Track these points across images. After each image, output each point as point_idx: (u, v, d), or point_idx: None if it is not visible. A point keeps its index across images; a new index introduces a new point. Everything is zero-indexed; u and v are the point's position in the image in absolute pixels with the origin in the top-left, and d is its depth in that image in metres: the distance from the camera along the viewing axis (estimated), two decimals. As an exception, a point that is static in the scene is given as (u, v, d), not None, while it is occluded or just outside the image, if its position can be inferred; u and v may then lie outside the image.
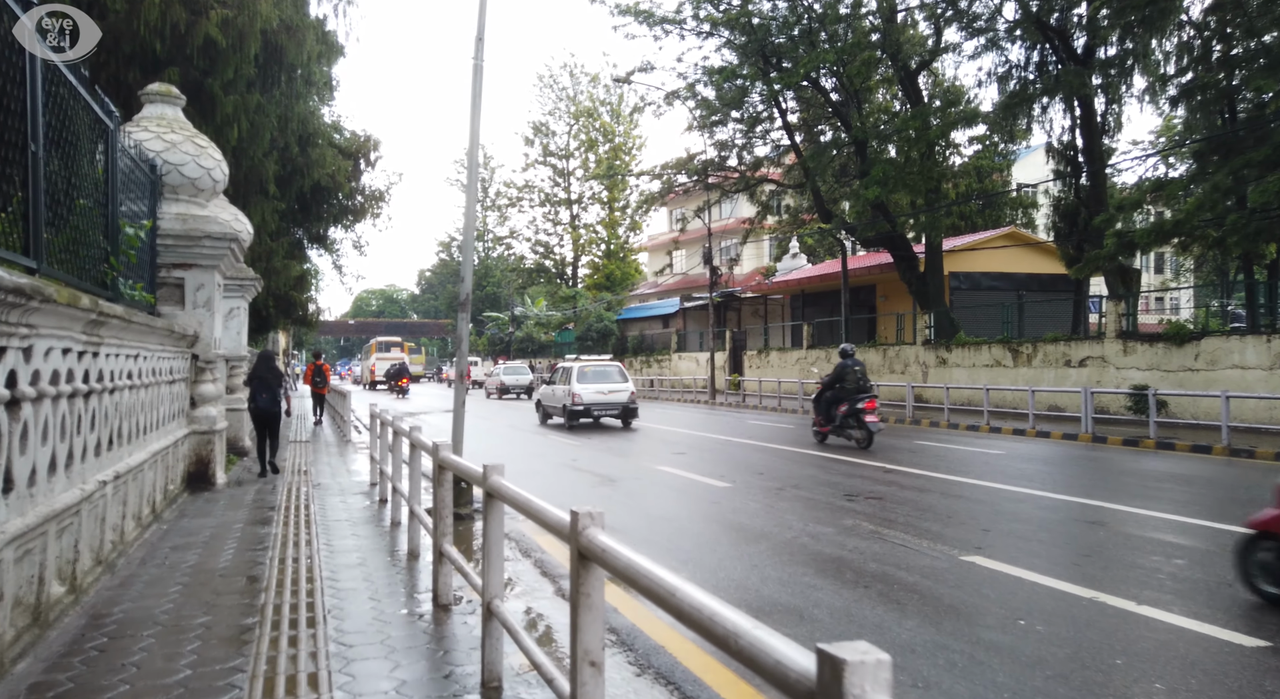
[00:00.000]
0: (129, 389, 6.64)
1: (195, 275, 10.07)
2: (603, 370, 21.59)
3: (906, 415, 22.45)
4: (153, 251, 9.38)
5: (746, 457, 14.04)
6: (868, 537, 7.57)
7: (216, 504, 9.09)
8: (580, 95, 62.98)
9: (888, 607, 5.51)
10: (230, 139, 14.54)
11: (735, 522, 8.39)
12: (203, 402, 10.29)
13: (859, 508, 9.05)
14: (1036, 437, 17.81)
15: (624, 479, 11.74)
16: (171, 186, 10.02)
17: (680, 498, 10.01)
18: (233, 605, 5.18)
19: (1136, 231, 18.33)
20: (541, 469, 13.02)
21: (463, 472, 4.74)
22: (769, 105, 29.77)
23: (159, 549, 6.80)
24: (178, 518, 8.19)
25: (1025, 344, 22.85)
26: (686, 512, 9.04)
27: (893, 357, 27.94)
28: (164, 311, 9.81)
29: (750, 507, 9.20)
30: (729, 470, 12.24)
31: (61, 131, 5.47)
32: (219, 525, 7.85)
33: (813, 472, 11.98)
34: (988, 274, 31.89)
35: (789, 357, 33.81)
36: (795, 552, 7.06)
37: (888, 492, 10.18)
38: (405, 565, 6.39)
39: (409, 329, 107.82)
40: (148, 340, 7.35)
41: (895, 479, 11.22)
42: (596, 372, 21.31)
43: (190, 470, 9.99)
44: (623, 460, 14.05)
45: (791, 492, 10.20)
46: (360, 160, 23.35)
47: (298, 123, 17.55)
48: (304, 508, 8.85)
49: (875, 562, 6.66)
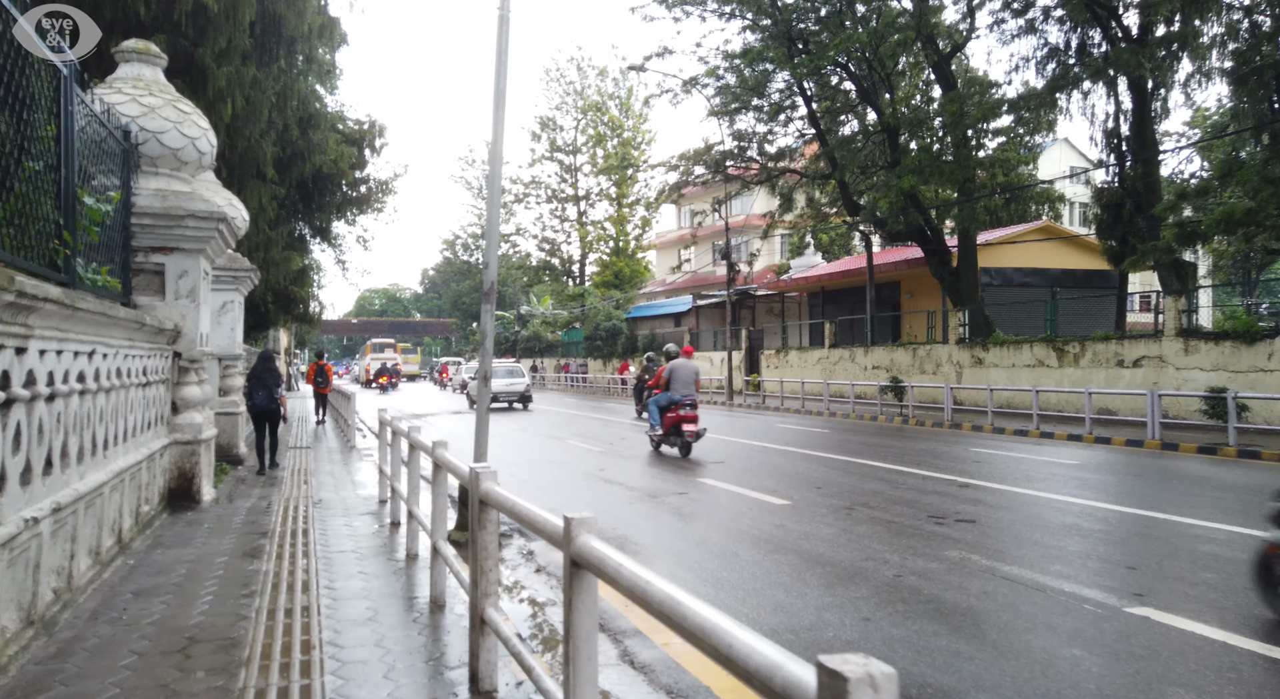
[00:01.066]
0: (79, 395, 5.30)
1: (177, 261, 8.72)
2: (509, 368, 30.42)
3: (945, 418, 21.06)
4: (125, 232, 8.05)
5: (793, 466, 12.68)
6: (986, 576, 6.21)
7: (200, 528, 7.75)
8: (588, 89, 61.61)
9: (1080, 696, 4.15)
10: (223, 116, 13.21)
11: (815, 553, 7.03)
12: (186, 407, 8.95)
13: (955, 534, 7.69)
14: (1095, 443, 16.44)
15: (665, 494, 10.38)
16: (150, 158, 8.68)
17: (737, 519, 8.65)
18: (201, 692, 3.83)
19: (1205, 220, 16.90)
20: (565, 480, 11.66)
21: (530, 519, 3.42)
22: (790, 94, 28.41)
23: (119, 595, 5.45)
24: (150, 548, 6.85)
25: (1072, 343, 21.46)
26: (752, 538, 7.68)
27: (923, 356, 26.55)
28: (140, 302, 8.47)
29: (824, 532, 7.84)
30: (780, 484, 10.87)
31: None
32: (199, 558, 6.50)
33: (876, 486, 10.61)
34: (1020, 270, 30.50)
35: (809, 356, 32.43)
36: (907, 598, 5.70)
37: (976, 512, 8.82)
38: (428, 621, 5.04)
39: (412, 328, 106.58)
40: (108, 334, 6.00)
41: (976, 495, 9.85)
42: (505, 370, 29.53)
43: (171, 486, 8.65)
44: (656, 470, 12.69)
45: (864, 512, 8.83)
46: (365, 148, 22.03)
47: (298, 102, 16.21)
48: (302, 533, 7.51)
49: (1019, 616, 5.29)
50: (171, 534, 7.43)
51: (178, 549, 6.83)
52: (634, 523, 8.56)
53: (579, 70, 62.16)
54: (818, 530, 7.90)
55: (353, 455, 14.51)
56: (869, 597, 5.73)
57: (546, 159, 63.02)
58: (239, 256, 13.42)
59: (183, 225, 8.52)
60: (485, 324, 8.17)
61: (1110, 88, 23.81)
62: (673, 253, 61.62)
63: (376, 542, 7.27)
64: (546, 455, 15.07)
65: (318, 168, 18.59)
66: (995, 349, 23.81)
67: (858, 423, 22.12)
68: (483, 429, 8.14)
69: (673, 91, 29.39)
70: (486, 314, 8.18)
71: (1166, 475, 11.83)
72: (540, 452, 15.67)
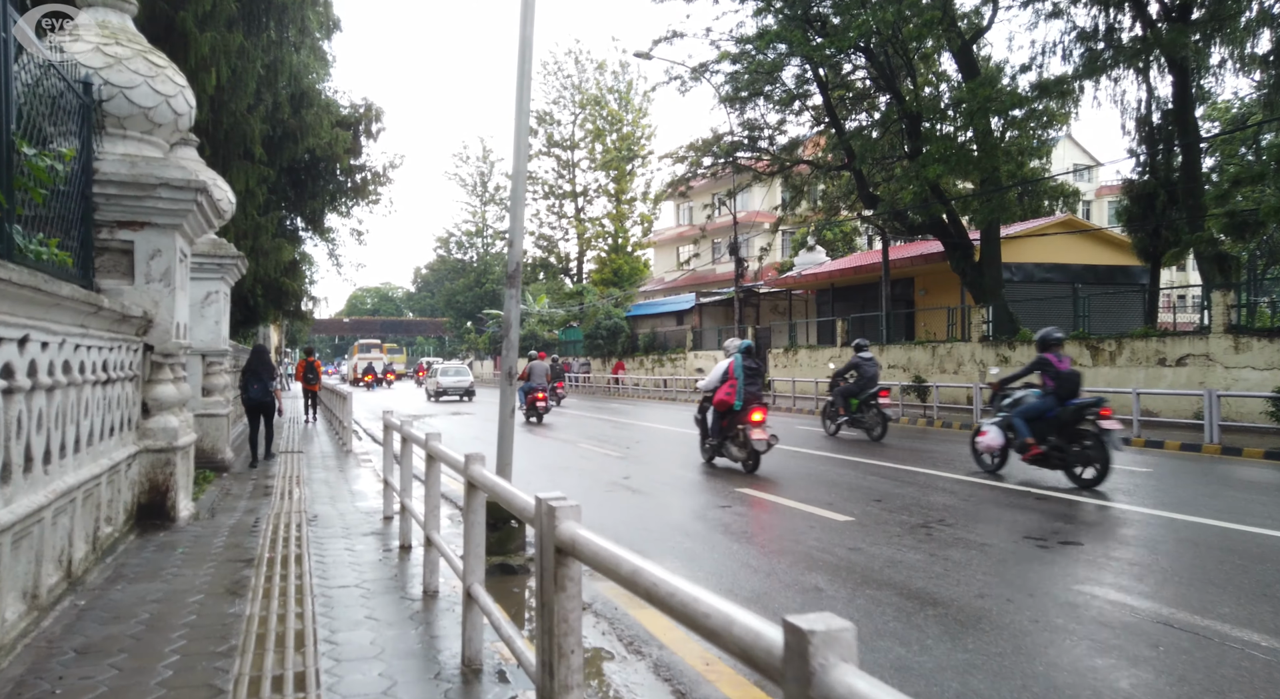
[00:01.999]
0: (1, 395, 4.07)
1: (149, 238, 7.47)
2: (456, 368, 37.64)
3: (974, 420, 19.89)
4: (86, 203, 6.80)
5: (836, 474, 11.49)
6: (1150, 622, 5.02)
7: (173, 553, 6.51)
8: (586, 83, 60.35)
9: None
10: (207, 86, 11.97)
11: (913, 587, 5.83)
12: (160, 408, 7.70)
13: (1068, 561, 6.51)
14: (1147, 447, 15.32)
15: (707, 509, 9.17)
16: (117, 118, 7.43)
17: (800, 541, 7.45)
18: None
19: (1264, 208, 15.78)
20: (589, 491, 10.45)
21: (613, 563, 2.23)
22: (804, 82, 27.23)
23: (57, 653, 4.22)
24: (109, 582, 5.61)
25: (1107, 340, 20.34)
26: (827, 566, 6.49)
27: (943, 355, 25.41)
28: (105, 286, 7.23)
29: (910, 558, 6.65)
30: (832, 495, 9.68)
31: None
32: (168, 597, 5.26)
33: (942, 498, 9.42)
34: (1040, 265, 29.40)
35: (819, 355, 31.25)
36: (1066, 655, 4.51)
37: (1075, 531, 7.64)
38: (460, 688, 3.83)
39: (404, 327, 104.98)
40: (49, 317, 4.77)
41: (1061, 510, 8.68)
42: (454, 370, 37.21)
43: (141, 502, 7.40)
44: (686, 477, 11.48)
45: (945, 531, 7.64)
46: (360, 132, 20.76)
47: (288, 77, 14.94)
48: (295, 560, 6.28)
49: (1245, 684, 4.10)
50: (138, 562, 6.19)
51: (143, 583, 5.59)
52: (685, 545, 7.36)
53: (577, 64, 60.92)
54: (902, 556, 6.71)
55: (349, 460, 13.27)
56: (1013, 651, 4.54)
57: (544, 154, 61.75)
58: (224, 242, 12.17)
59: (154, 196, 7.27)
60: (509, 311, 6.96)
61: (1143, 73, 22.73)
62: (671, 251, 60.40)
63: (385, 571, 6.04)
64: (560, 460, 13.85)
65: (310, 151, 17.32)
66: (1022, 347, 22.66)
67: (882, 425, 20.93)
68: (507, 437, 6.95)
69: (680, 79, 28.21)
70: (510, 300, 6.97)
71: (1255, 486, 10.66)
72: (553, 456, 14.45)
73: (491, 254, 75.90)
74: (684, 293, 49.54)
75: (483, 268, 75.54)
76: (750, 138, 29.66)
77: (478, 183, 76.75)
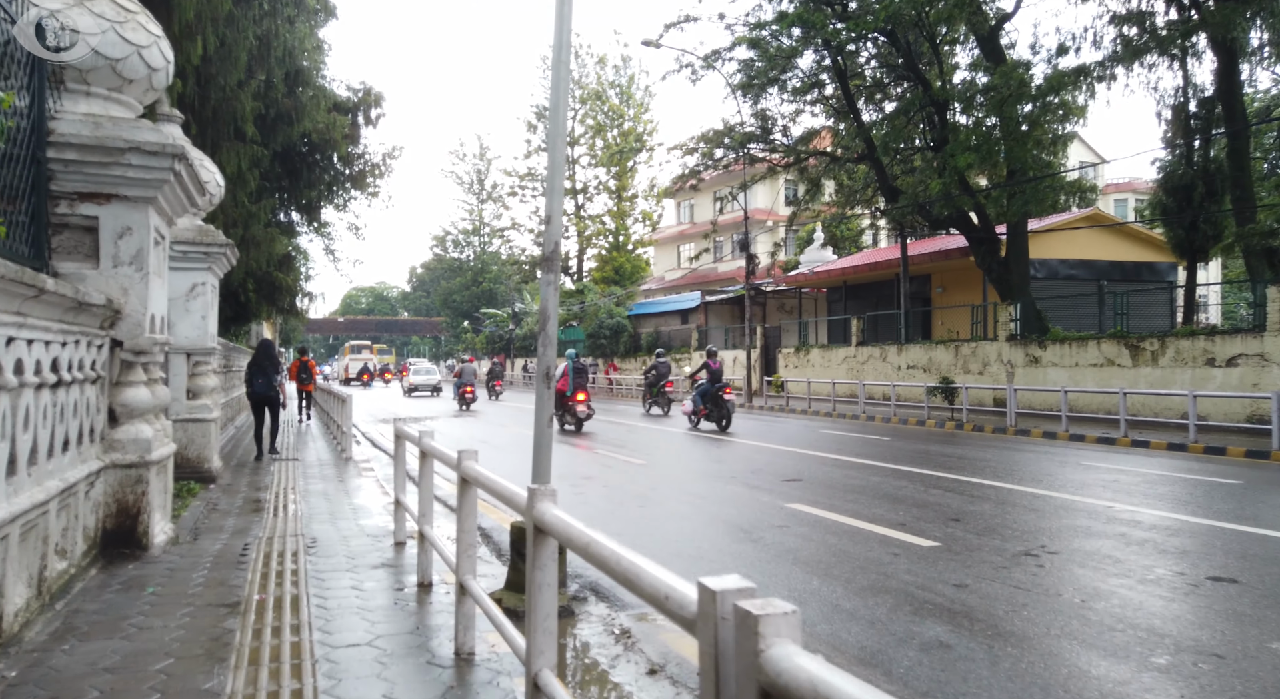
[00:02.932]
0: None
1: (116, 213, 6.28)
2: (426, 368, 45.55)
3: (1008, 423, 18.80)
4: (36, 167, 5.62)
5: (890, 486, 10.35)
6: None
7: (140, 596, 5.32)
8: (587, 77, 59.15)
9: None
10: (193, 56, 10.79)
11: (1076, 640, 4.68)
12: (130, 416, 6.52)
13: (1248, 610, 5.38)
14: (1205, 453, 14.23)
15: (758, 528, 8.01)
16: (79, 71, 6.25)
17: (887, 574, 6.30)
18: None
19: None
20: (619, 504, 9.28)
21: None
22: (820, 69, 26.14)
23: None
24: (53, 641, 4.42)
25: (1149, 339, 19.25)
26: (943, 612, 5.33)
27: (967, 354, 24.31)
28: (65, 270, 6.06)
29: (1049, 602, 5.50)
30: (898, 513, 8.54)
31: None
32: (124, 665, 4.07)
33: (1027, 516, 8.29)
34: (1065, 261, 28.32)
35: (833, 355, 30.16)
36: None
37: (1227, 565, 6.51)
38: None
39: (400, 327, 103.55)
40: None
41: (1187, 539, 7.55)
42: (424, 369, 45.00)
43: (106, 527, 6.22)
44: (721, 489, 10.33)
45: (1064, 565, 6.50)
46: (359, 118, 19.55)
47: (283, 52, 13.74)
48: (290, 604, 5.10)
49: None
50: (95, 608, 5.01)
51: (97, 641, 4.41)
52: (752, 577, 6.20)
53: (577, 58, 59.66)
54: (1034, 599, 5.56)
55: (349, 469, 12.09)
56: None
57: (543, 150, 60.48)
58: (212, 229, 10.97)
59: (123, 163, 6.09)
60: (547, 300, 5.78)
61: (1180, 58, 21.67)
62: (671, 249, 59.26)
63: (402, 620, 4.87)
64: (582, 469, 12.69)
65: (306, 135, 16.13)
66: (1054, 346, 21.59)
67: (908, 428, 19.84)
68: (543, 447, 5.76)
69: (691, 67, 27.05)
70: (548, 286, 5.80)
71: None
72: (573, 464, 13.27)
73: (489, 252, 74.70)
74: (685, 292, 48.38)
75: (479, 267, 74.35)
76: (763, 129, 28.56)
77: (474, 180, 75.58)
